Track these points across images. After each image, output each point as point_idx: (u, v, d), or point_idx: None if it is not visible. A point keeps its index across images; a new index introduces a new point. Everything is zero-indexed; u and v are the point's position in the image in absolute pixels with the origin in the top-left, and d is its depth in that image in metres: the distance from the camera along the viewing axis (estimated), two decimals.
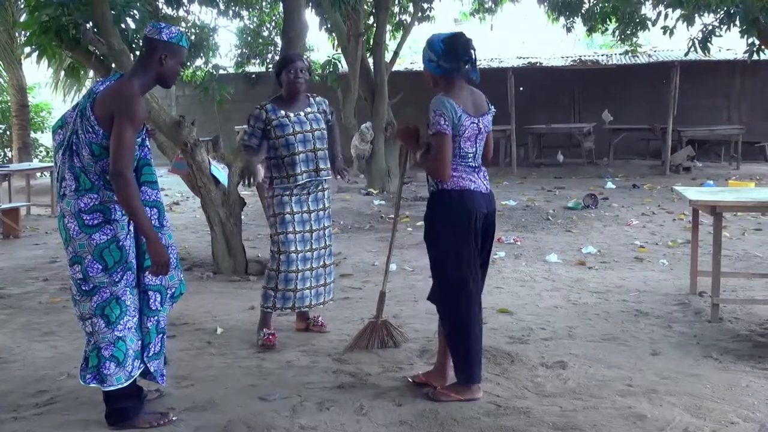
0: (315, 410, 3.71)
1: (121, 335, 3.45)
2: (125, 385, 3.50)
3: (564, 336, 4.91)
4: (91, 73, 10.53)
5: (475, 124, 3.76)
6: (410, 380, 4.06)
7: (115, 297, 3.42)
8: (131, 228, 3.48)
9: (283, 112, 4.79)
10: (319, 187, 4.92)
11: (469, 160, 3.80)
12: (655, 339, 4.82)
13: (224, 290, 6.41)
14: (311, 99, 4.99)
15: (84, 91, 18.28)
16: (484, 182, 3.86)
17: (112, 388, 3.48)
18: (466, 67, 3.73)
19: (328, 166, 4.94)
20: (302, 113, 4.84)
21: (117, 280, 3.41)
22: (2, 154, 18.64)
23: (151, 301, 3.58)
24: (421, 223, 9.62)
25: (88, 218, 3.37)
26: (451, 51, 3.70)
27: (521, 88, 17.53)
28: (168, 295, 3.65)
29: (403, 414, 3.65)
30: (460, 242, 3.74)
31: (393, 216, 4.68)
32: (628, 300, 5.81)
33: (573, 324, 5.18)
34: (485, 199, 3.83)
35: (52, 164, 3.66)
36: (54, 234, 9.67)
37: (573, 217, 9.97)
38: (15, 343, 4.99)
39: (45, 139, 19.12)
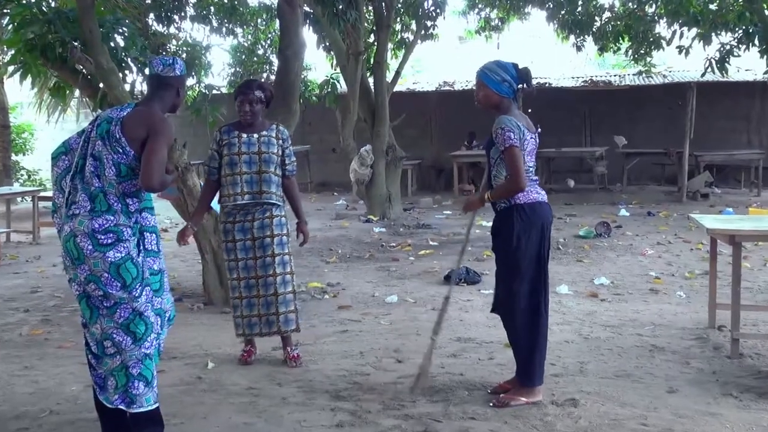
0: None
1: (148, 352, 3.62)
2: (153, 407, 3.58)
3: (575, 372, 4.92)
4: (76, 93, 10.59)
5: (534, 140, 4.32)
6: (489, 391, 4.53)
7: (137, 313, 3.60)
8: (141, 248, 3.69)
9: (236, 133, 5.16)
10: (267, 214, 5.12)
11: (531, 173, 4.34)
12: (671, 376, 4.83)
13: (216, 322, 6.41)
14: (274, 125, 5.30)
15: (68, 112, 18.38)
16: (543, 192, 4.40)
17: (141, 410, 3.55)
18: (522, 92, 4.37)
19: (275, 190, 5.14)
20: (255, 135, 5.16)
21: (137, 295, 3.60)
22: None
23: (155, 324, 3.75)
24: (423, 251, 9.72)
25: (102, 238, 3.57)
26: (523, 76, 4.31)
27: (529, 110, 17.56)
28: (166, 319, 3.83)
29: None
30: (535, 252, 4.27)
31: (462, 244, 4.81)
32: (643, 334, 5.82)
33: (584, 359, 5.19)
34: (550, 209, 4.41)
35: (53, 190, 3.84)
36: (35, 263, 9.70)
37: (584, 246, 10.00)
38: None
39: (27, 161, 19.18)
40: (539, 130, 4.44)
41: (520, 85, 4.34)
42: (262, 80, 15.92)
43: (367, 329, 6.15)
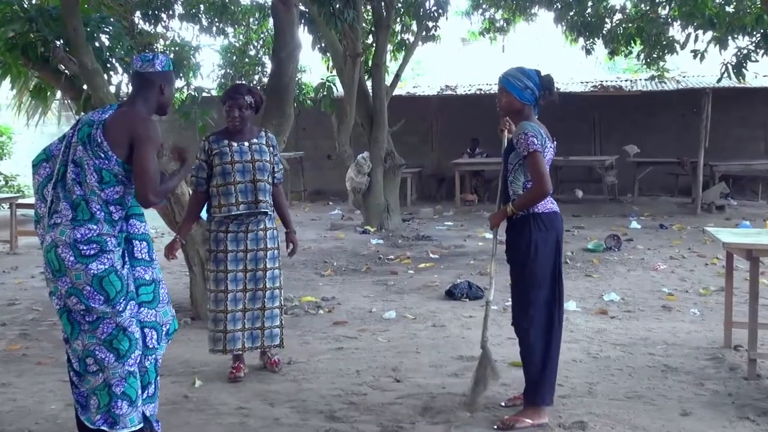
0: None
1: (132, 370, 3.64)
2: (137, 428, 3.59)
3: (584, 393, 4.93)
4: (58, 95, 10.61)
5: (552, 150, 4.47)
6: (502, 404, 4.66)
7: (121, 328, 3.60)
8: (125, 259, 3.70)
9: (226, 142, 5.24)
10: (261, 226, 5.26)
11: None
12: (684, 398, 4.84)
13: (204, 338, 6.34)
14: (262, 132, 5.41)
15: (49, 115, 18.38)
16: (555, 203, 4.51)
17: (124, 431, 3.56)
18: (544, 99, 4.49)
19: (268, 199, 5.25)
20: (246, 143, 5.26)
21: (121, 310, 3.60)
22: None
23: (148, 338, 3.76)
24: (424, 264, 9.73)
25: (85, 248, 3.57)
26: (546, 83, 4.46)
27: (535, 116, 17.66)
28: (163, 332, 3.81)
29: None
30: (550, 263, 4.39)
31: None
32: (655, 354, 5.84)
33: (593, 380, 5.20)
34: (562, 220, 4.54)
35: (35, 200, 3.85)
36: (13, 274, 9.69)
37: (593, 261, 10.01)
38: None
39: (4, 166, 19.17)
40: (554, 142, 4.52)
41: (542, 93, 4.47)
42: (252, 84, 16.03)
43: (364, 347, 6.15)
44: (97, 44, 7.00)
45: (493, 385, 4.69)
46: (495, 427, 4.32)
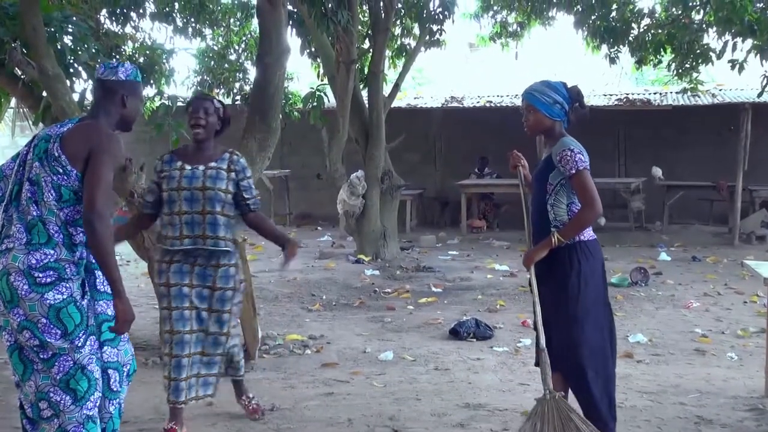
0: None
1: (91, 414, 3.64)
2: None
3: None
4: (12, 103, 10.65)
5: (590, 171, 4.46)
6: None
7: (79, 366, 3.60)
8: (86, 290, 3.71)
9: (179, 163, 5.07)
10: (212, 262, 5.02)
11: None
12: None
13: None
14: (227, 154, 5.16)
15: (1, 126, 18.43)
16: None
17: None
18: (575, 113, 4.57)
19: (223, 234, 5.02)
20: (201, 167, 5.04)
21: (80, 345, 3.60)
22: None
23: (112, 381, 3.79)
24: (425, 299, 9.73)
25: (40, 276, 3.58)
26: (575, 95, 4.54)
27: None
28: (124, 374, 3.84)
29: None
30: (600, 294, 4.46)
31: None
32: (687, 403, 5.84)
33: None
34: None
35: None
36: None
37: (617, 297, 10.02)
38: None
39: None
40: None
41: (572, 106, 4.54)
42: (233, 93, 15.98)
43: (357, 392, 6.15)
44: (59, 46, 7.04)
45: None
46: None
